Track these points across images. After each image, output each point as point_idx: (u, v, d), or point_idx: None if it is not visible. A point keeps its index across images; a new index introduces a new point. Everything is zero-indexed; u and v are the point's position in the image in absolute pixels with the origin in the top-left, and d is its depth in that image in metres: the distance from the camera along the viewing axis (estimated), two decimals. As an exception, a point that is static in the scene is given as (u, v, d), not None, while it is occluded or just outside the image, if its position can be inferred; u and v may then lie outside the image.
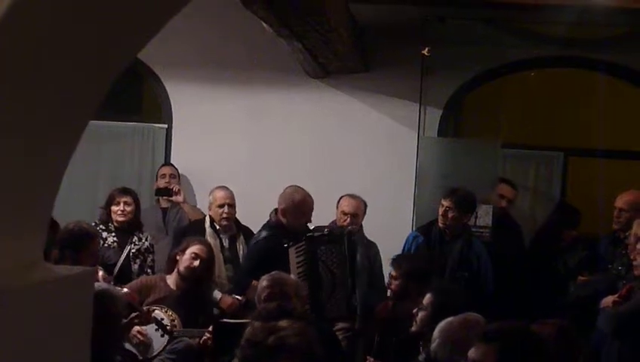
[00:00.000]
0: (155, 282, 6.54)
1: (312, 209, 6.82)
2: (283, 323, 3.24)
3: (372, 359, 5.71)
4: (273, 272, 5.79)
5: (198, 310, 6.39)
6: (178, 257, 6.53)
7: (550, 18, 8.12)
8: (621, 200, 7.35)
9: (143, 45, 2.10)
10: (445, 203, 7.07)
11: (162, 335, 5.94)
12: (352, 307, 6.62)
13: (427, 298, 5.40)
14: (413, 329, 5.47)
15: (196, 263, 6.44)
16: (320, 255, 6.55)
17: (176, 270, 6.52)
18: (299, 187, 6.89)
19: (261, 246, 6.84)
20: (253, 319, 4.35)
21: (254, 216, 7.31)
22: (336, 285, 6.54)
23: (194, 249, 6.49)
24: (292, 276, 6.32)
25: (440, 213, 7.09)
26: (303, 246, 6.55)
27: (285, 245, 6.55)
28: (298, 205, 6.75)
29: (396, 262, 6.62)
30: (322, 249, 6.58)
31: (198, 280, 6.48)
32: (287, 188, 6.90)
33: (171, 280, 6.53)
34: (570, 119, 9.84)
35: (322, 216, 7.22)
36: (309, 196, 6.84)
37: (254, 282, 6.43)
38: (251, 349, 3.13)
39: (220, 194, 7.57)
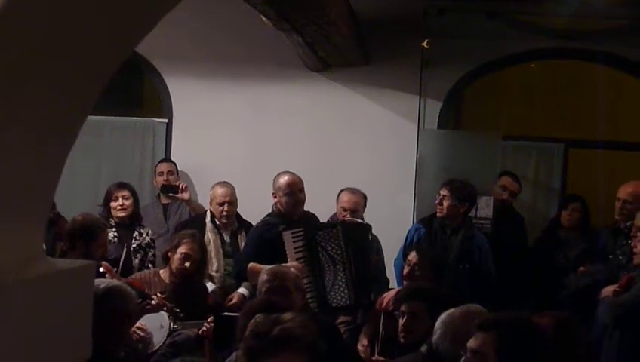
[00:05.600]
0: (150, 277, 6.56)
1: (301, 188, 6.84)
2: (287, 315, 3.25)
3: (378, 358, 5.71)
4: (273, 266, 5.81)
5: (192, 302, 6.39)
6: (170, 254, 6.54)
7: (550, 10, 8.12)
8: (624, 192, 7.27)
9: (140, 39, 2.11)
10: (442, 191, 7.11)
11: (162, 326, 5.95)
12: (357, 295, 6.64)
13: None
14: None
15: (187, 264, 6.45)
16: (319, 240, 6.57)
17: (168, 266, 6.55)
18: (285, 171, 6.94)
19: (257, 231, 6.92)
20: (242, 315, 4.38)
21: (255, 210, 7.32)
22: (338, 271, 6.56)
23: (184, 249, 6.46)
24: (291, 262, 6.38)
25: (436, 201, 7.12)
26: (301, 231, 6.58)
27: (281, 229, 6.58)
28: (287, 185, 6.79)
29: (419, 249, 6.59)
30: (320, 234, 6.61)
31: (190, 276, 6.51)
32: (275, 176, 6.95)
33: (165, 275, 6.55)
34: (571, 111, 9.85)
35: (323, 210, 7.24)
36: (298, 177, 6.87)
37: (250, 265, 6.56)
38: (256, 340, 3.13)
39: (219, 192, 7.56)
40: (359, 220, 7.15)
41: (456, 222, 7.14)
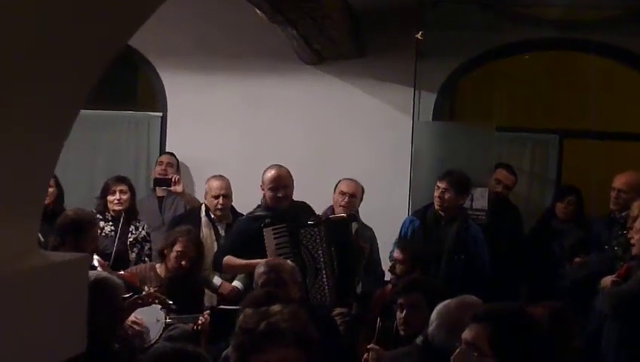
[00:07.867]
0: (147, 272, 6.56)
1: (287, 183, 6.62)
2: (275, 308, 3.21)
3: (374, 346, 5.69)
4: (270, 258, 5.81)
5: (188, 297, 6.39)
6: (166, 252, 6.52)
7: (544, 1, 8.12)
8: (619, 182, 7.27)
9: (132, 33, 2.10)
10: (441, 184, 7.08)
11: (158, 320, 5.95)
12: (339, 294, 6.55)
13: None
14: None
15: (183, 263, 6.45)
16: (301, 238, 6.41)
17: (164, 263, 6.54)
18: (276, 164, 6.76)
19: (240, 225, 6.85)
20: (242, 306, 4.36)
21: (250, 203, 7.30)
22: (319, 271, 6.44)
23: (179, 247, 6.44)
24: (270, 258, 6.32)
25: (436, 195, 7.09)
26: (284, 228, 6.43)
27: (262, 225, 6.44)
28: (271, 180, 6.59)
29: (402, 245, 6.66)
30: (302, 232, 6.44)
31: (186, 273, 6.50)
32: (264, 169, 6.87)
33: (161, 269, 6.55)
34: (565, 101, 9.85)
35: (318, 203, 7.23)
36: (285, 171, 6.66)
37: (226, 259, 6.53)
38: (244, 336, 3.11)
39: (214, 185, 7.55)
40: (343, 215, 7.08)
41: (451, 214, 7.15)
